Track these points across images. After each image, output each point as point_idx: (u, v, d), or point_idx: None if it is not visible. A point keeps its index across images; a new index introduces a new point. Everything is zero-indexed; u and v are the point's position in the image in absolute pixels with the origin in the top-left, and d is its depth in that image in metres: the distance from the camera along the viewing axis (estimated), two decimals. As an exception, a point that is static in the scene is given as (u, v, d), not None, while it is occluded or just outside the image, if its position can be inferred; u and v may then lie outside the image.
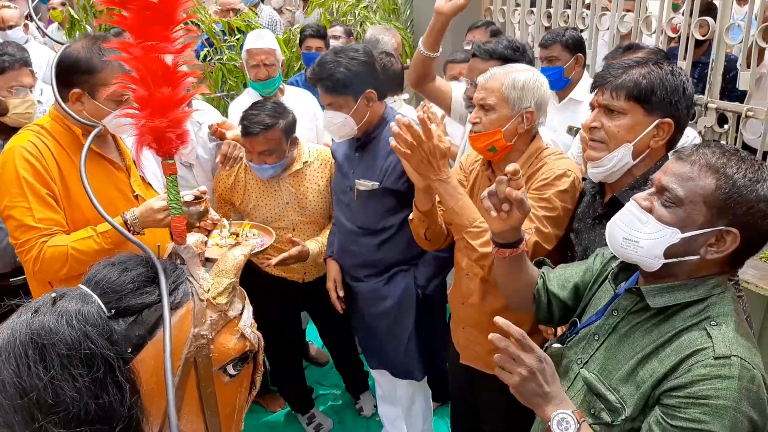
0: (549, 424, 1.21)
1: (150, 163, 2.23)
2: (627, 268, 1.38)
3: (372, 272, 2.43)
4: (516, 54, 2.33)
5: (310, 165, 2.62)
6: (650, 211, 1.21)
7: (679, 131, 1.60)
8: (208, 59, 4.29)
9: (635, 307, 1.28)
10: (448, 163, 1.76)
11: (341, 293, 2.55)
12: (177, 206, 1.01)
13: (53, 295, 0.87)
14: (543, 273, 1.58)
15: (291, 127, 2.51)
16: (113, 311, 0.87)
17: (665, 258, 1.20)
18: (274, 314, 2.90)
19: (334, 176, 2.51)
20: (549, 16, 4.12)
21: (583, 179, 1.88)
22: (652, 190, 1.24)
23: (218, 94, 4.23)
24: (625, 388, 1.23)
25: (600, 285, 1.46)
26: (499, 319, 1.24)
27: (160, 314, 0.90)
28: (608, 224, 1.30)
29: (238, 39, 4.30)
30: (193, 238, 1.04)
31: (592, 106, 1.68)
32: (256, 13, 5.34)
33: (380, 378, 2.73)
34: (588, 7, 3.92)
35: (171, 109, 0.97)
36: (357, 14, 4.95)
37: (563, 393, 1.24)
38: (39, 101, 3.23)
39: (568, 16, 3.97)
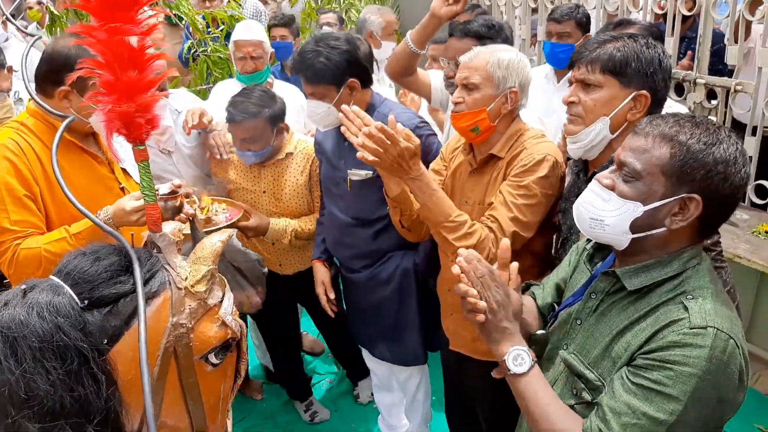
0: (504, 359, 1.22)
1: (129, 153, 2.20)
2: (601, 249, 1.38)
3: (368, 263, 2.40)
4: (491, 32, 2.32)
5: (293, 157, 2.59)
6: (612, 188, 1.21)
7: (657, 104, 1.59)
8: (192, 51, 4.23)
9: (613, 288, 1.27)
10: (419, 160, 1.72)
11: (332, 296, 2.53)
12: (150, 194, 0.98)
13: (23, 287, 0.85)
14: (533, 294, 1.58)
15: (278, 116, 2.48)
16: (86, 302, 0.86)
17: (633, 233, 1.19)
18: (266, 304, 2.89)
19: (322, 169, 2.46)
20: (535, -3, 4.08)
21: (569, 159, 1.86)
22: (614, 167, 1.24)
23: (204, 87, 4.18)
24: (602, 364, 1.23)
25: (576, 268, 1.47)
26: (462, 252, 1.28)
27: (136, 304, 0.88)
28: (574, 206, 1.30)
29: (222, 30, 4.24)
30: (170, 226, 1.02)
31: (571, 83, 1.68)
32: (240, 4, 5.27)
33: (375, 367, 2.72)
34: (574, -14, 3.88)
35: (139, 93, 0.94)
36: (342, 2, 4.90)
37: (519, 333, 1.27)
38: (20, 98, 3.18)
39: (553, -4, 3.94)
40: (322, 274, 2.54)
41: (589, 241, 1.42)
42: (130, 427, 0.88)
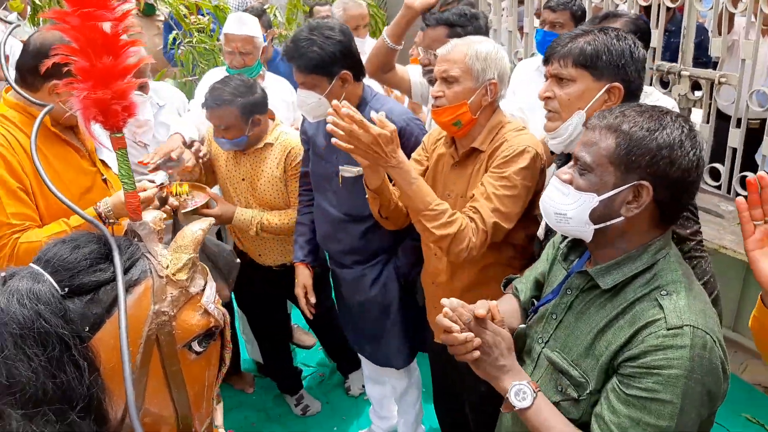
0: (507, 395, 1.24)
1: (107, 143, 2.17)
2: (576, 246, 1.40)
3: (358, 258, 2.39)
4: (462, 19, 2.32)
5: (272, 149, 2.57)
6: (571, 182, 1.25)
7: (631, 95, 1.60)
8: (177, 42, 4.19)
9: (587, 285, 1.30)
10: (397, 147, 1.70)
11: (312, 300, 2.51)
12: (129, 182, 0.97)
13: (3, 274, 0.84)
14: (516, 289, 1.59)
15: (253, 106, 2.46)
16: (66, 289, 0.85)
17: (594, 224, 1.22)
18: (254, 298, 2.90)
19: (311, 162, 2.44)
20: (522, -11, 4.08)
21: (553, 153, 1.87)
22: (572, 162, 1.27)
23: (189, 78, 4.14)
24: (585, 362, 1.26)
25: (553, 265, 1.49)
26: (445, 301, 1.29)
27: (117, 292, 0.87)
28: (540, 202, 1.34)
29: (207, 19, 4.21)
30: (150, 215, 1.01)
31: (546, 78, 1.68)
32: (225, -6, 5.23)
33: (366, 359, 2.72)
34: (561, -22, 3.88)
35: (114, 80, 0.93)
36: (329, -7, 4.86)
37: (518, 365, 1.29)
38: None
39: (540, -13, 3.93)
40: (304, 277, 2.52)
41: (564, 238, 1.44)
42: (113, 415, 0.88)
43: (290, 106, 3.14)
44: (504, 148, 1.83)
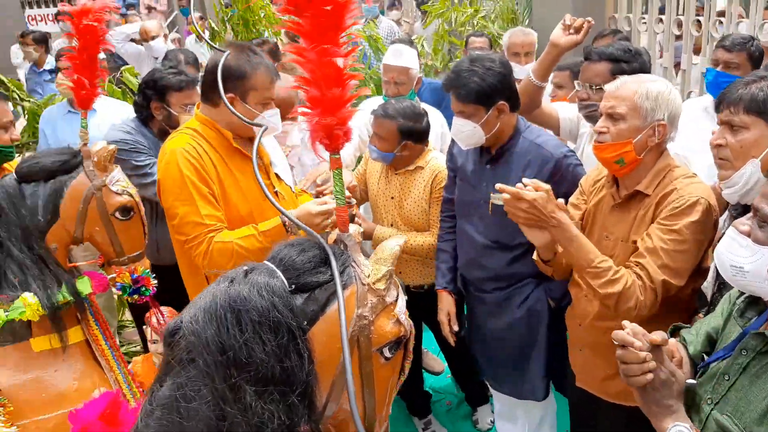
0: None
1: (279, 162, 2.38)
2: (754, 303, 1.33)
3: (501, 285, 2.41)
4: (627, 55, 2.27)
5: (421, 172, 2.71)
6: (749, 234, 1.20)
7: None
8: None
9: (764, 348, 1.23)
10: (555, 207, 1.72)
11: (455, 328, 2.54)
12: (341, 197, 1.09)
13: (245, 268, 0.97)
14: (684, 338, 1.53)
15: (411, 132, 2.60)
16: (293, 286, 0.97)
17: None
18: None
19: (457, 187, 2.52)
20: (679, 24, 3.95)
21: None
22: (751, 213, 1.23)
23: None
24: (758, 429, 1.19)
25: (728, 321, 1.42)
26: (617, 334, 1.24)
27: (331, 292, 0.99)
28: (715, 253, 1.29)
29: (361, 49, 4.46)
30: (352, 228, 1.12)
31: (719, 125, 1.64)
32: (376, 24, 5.52)
33: (499, 393, 2.69)
34: (722, 14, 3.72)
35: (339, 108, 1.05)
36: (475, 24, 4.98)
37: (684, 411, 1.24)
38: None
39: (700, 23, 3.79)
40: (448, 303, 2.56)
41: (741, 293, 1.38)
42: (319, 404, 0.98)
43: (438, 136, 3.25)
44: (674, 198, 1.76)
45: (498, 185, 1.75)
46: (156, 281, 2.13)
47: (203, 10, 8.35)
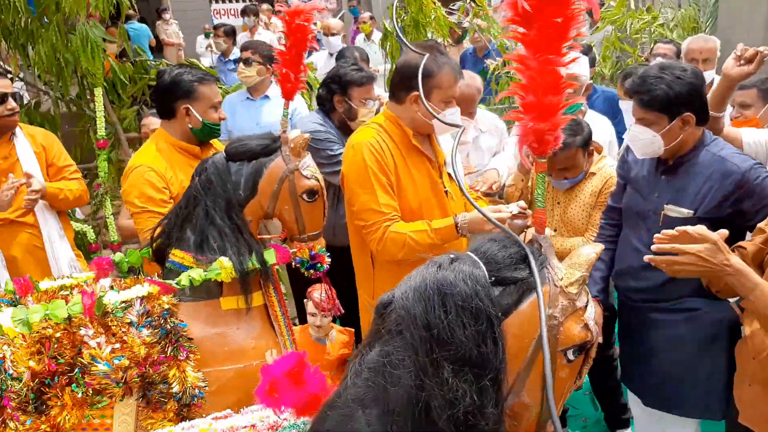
0: None
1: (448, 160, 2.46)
2: None
3: (663, 297, 2.31)
4: None
5: (592, 178, 2.69)
6: None
7: None
8: (495, 72, 4.51)
9: None
10: (727, 254, 1.63)
11: (600, 340, 2.46)
12: (541, 200, 1.14)
13: (451, 256, 1.06)
14: None
15: (587, 141, 2.60)
16: (493, 278, 1.04)
17: None
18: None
19: (627, 197, 2.44)
20: None
21: None
22: None
23: (502, 106, 4.41)
24: None
25: None
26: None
27: (525, 289, 1.05)
28: None
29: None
30: (547, 231, 1.17)
31: None
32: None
33: (642, 418, 2.55)
34: None
35: (553, 115, 1.10)
36: (652, 32, 4.75)
37: None
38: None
39: None
40: (597, 314, 2.50)
41: None
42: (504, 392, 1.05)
43: (607, 145, 3.17)
44: None
45: (656, 236, 1.70)
46: (329, 259, 2.31)
47: (370, 9, 8.72)
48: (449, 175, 2.38)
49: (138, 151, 2.57)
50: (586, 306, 1.11)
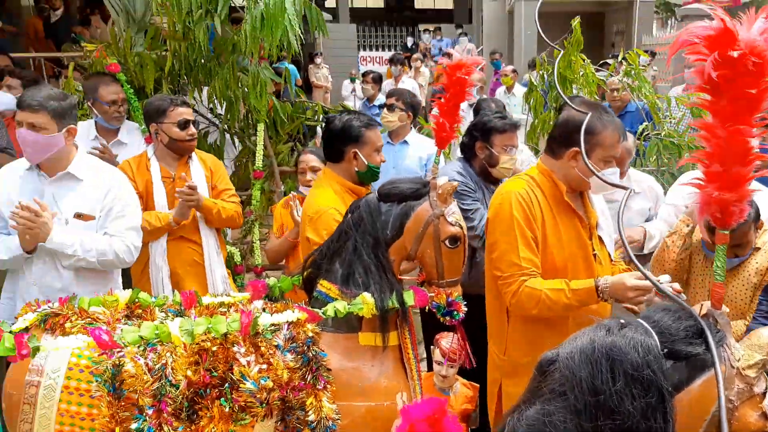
0: None
1: (605, 224, 2.39)
2: None
3: None
4: None
5: (756, 254, 2.53)
6: None
7: None
8: (645, 134, 4.35)
9: None
10: None
11: None
12: (722, 274, 1.09)
13: (621, 321, 1.04)
14: None
15: (758, 215, 2.47)
16: (665, 350, 1.00)
17: None
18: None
19: None
20: None
21: None
22: None
23: (648, 168, 4.24)
24: None
25: None
26: None
27: (698, 366, 0.99)
28: None
29: (681, 114, 4.26)
30: (724, 307, 1.11)
31: None
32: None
33: None
34: None
35: (740, 186, 1.05)
36: None
37: None
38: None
39: None
40: None
41: None
42: None
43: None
44: None
45: None
46: (466, 308, 2.31)
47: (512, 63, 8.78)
48: (599, 238, 2.31)
49: (318, 194, 2.65)
50: (765, 393, 1.04)
